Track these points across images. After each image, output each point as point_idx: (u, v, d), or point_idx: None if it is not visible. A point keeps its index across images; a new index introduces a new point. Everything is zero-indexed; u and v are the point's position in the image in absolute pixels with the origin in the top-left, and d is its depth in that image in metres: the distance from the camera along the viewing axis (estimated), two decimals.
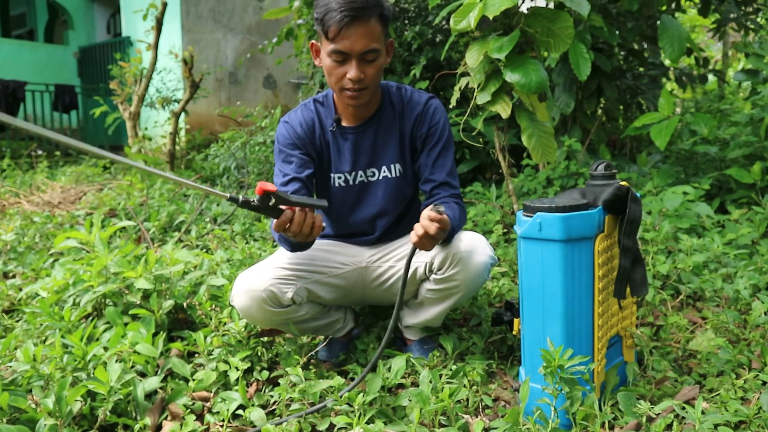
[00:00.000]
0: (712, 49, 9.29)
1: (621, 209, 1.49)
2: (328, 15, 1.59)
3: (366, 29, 1.61)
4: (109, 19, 11.24)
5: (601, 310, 1.48)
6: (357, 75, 1.64)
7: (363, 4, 1.59)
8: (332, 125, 1.82)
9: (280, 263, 1.73)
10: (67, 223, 3.67)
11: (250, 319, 1.75)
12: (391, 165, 1.85)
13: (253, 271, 1.73)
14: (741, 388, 1.57)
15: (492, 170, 4.44)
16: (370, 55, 1.64)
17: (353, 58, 1.63)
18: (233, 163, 5.20)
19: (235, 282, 1.73)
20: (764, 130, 3.39)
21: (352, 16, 1.57)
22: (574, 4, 2.04)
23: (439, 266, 1.72)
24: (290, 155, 1.79)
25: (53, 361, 1.59)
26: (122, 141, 9.33)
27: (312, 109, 1.84)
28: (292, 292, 1.70)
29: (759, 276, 2.27)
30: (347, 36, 1.60)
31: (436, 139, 1.84)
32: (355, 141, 1.83)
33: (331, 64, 1.66)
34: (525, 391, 1.41)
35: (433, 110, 1.85)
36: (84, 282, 2.07)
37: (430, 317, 1.86)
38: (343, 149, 1.83)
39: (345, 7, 1.57)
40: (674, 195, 2.96)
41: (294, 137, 1.80)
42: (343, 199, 1.88)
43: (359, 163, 1.84)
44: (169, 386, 1.67)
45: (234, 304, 1.72)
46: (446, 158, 1.85)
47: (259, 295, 1.66)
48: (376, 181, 1.86)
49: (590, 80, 3.88)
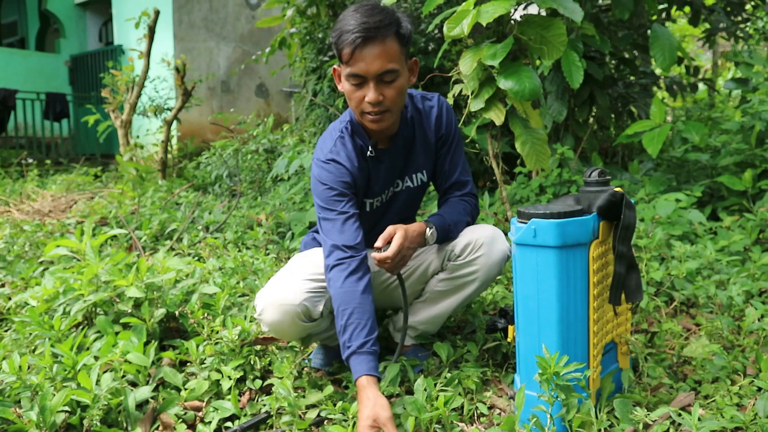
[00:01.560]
0: (701, 58, 9.38)
1: (615, 215, 1.49)
2: (342, 38, 1.55)
3: (381, 50, 1.54)
4: (101, 28, 11.22)
5: (596, 316, 1.48)
6: (375, 98, 1.57)
7: (376, 23, 1.53)
8: (371, 151, 1.74)
9: (306, 274, 1.67)
10: (58, 232, 3.63)
11: (279, 334, 1.69)
12: (413, 174, 1.84)
13: (281, 283, 1.66)
14: (736, 395, 1.57)
15: (485, 178, 4.44)
16: (387, 76, 1.57)
17: (370, 81, 1.57)
18: (225, 171, 5.19)
19: (259, 297, 1.67)
20: (755, 138, 3.42)
21: (364, 37, 1.52)
22: (567, 11, 2.05)
23: (460, 252, 1.74)
24: (344, 194, 1.69)
25: (42, 371, 1.56)
26: (114, 149, 9.30)
27: (348, 139, 1.74)
28: (322, 305, 1.66)
29: (752, 282, 2.27)
30: (361, 58, 1.54)
31: (451, 137, 1.85)
32: (389, 161, 1.78)
33: (350, 88, 1.61)
34: (520, 398, 1.40)
35: (447, 108, 1.86)
36: (74, 291, 2.04)
37: (432, 315, 1.85)
38: (380, 173, 1.78)
39: (357, 29, 1.52)
40: (666, 202, 2.97)
41: (346, 173, 1.69)
42: (369, 215, 1.85)
43: (391, 180, 1.82)
44: (161, 396, 1.65)
45: (262, 318, 1.65)
46: (458, 155, 1.88)
47: (293, 310, 1.61)
48: (400, 191, 1.86)
49: (582, 88, 3.90)
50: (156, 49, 8.05)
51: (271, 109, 10.27)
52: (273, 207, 3.93)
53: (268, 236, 3.36)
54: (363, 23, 1.52)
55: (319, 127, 5.17)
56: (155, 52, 7.89)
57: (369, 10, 1.56)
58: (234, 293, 2.27)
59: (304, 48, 5.23)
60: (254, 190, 4.96)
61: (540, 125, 2.33)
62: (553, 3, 2.05)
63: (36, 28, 11.25)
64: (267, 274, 2.45)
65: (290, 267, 1.76)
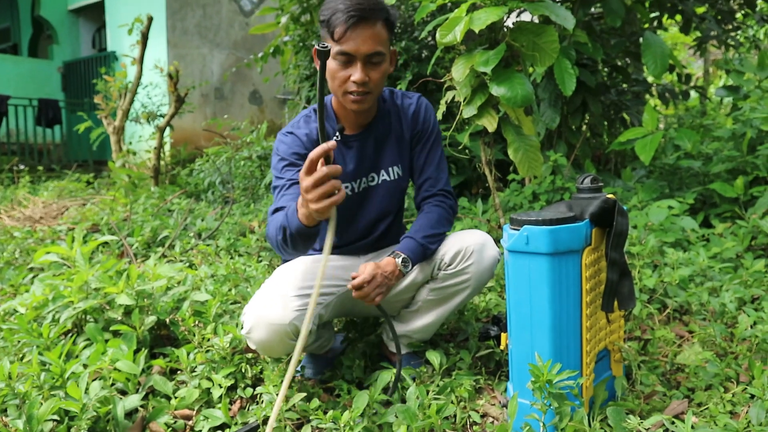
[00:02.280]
0: (693, 66, 9.44)
1: (608, 222, 1.49)
2: (335, 16, 1.58)
3: (372, 32, 1.60)
4: (94, 34, 11.20)
5: (589, 323, 1.47)
6: (362, 77, 1.62)
7: (370, 5, 1.59)
8: (336, 135, 1.80)
9: (295, 289, 1.62)
10: (49, 239, 3.61)
11: (266, 352, 1.66)
12: (389, 168, 1.86)
13: (269, 300, 1.61)
14: (729, 402, 1.57)
15: (478, 185, 4.44)
16: (375, 58, 1.63)
17: (358, 60, 1.61)
18: (218, 178, 5.17)
19: (247, 313, 1.62)
20: (746, 145, 3.43)
21: (359, 16, 1.57)
22: (560, 19, 2.06)
23: (450, 260, 1.74)
24: (294, 164, 1.72)
25: (30, 379, 1.54)
26: (106, 156, 9.26)
27: (314, 119, 1.80)
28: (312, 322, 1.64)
29: (744, 289, 2.28)
30: (353, 37, 1.59)
31: (428, 134, 1.88)
32: (358, 148, 1.81)
33: (336, 66, 1.63)
34: (513, 406, 1.39)
35: (426, 107, 1.89)
36: (64, 298, 2.02)
37: (425, 324, 1.84)
38: (348, 158, 1.81)
39: (352, 8, 1.56)
40: (659, 209, 2.97)
41: (299, 147, 1.75)
42: (345, 207, 1.83)
43: (363, 170, 1.84)
44: (151, 404, 1.64)
45: (250, 337, 1.62)
46: (434, 152, 1.90)
47: (283, 330, 1.57)
48: (376, 185, 1.87)
49: (575, 95, 3.91)
50: (149, 55, 8.05)
51: (264, 116, 10.26)
52: (266, 214, 3.91)
53: (260, 243, 3.34)
54: (358, 3, 1.57)
55: None
56: (149, 58, 7.88)
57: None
58: (226, 300, 2.26)
59: (297, 55, 5.23)
60: (247, 197, 4.95)
61: (533, 132, 2.33)
62: (545, 10, 2.05)
63: (29, 34, 11.21)
64: (259, 281, 2.43)
65: (277, 279, 1.71)
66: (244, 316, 1.63)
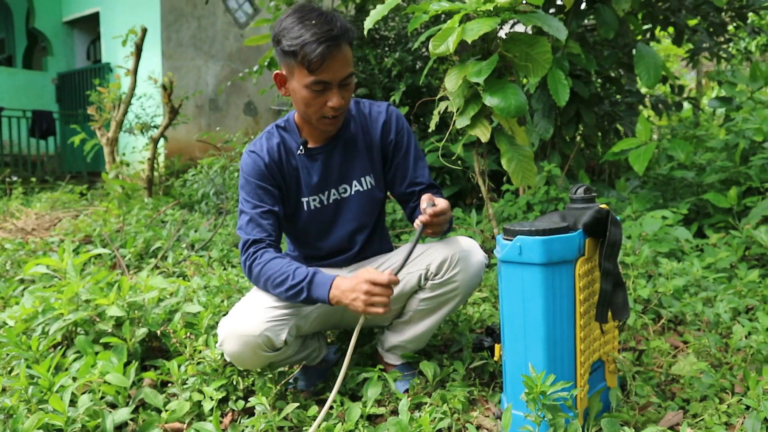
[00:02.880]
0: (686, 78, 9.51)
1: (601, 232, 1.48)
2: (307, 47, 1.54)
3: (344, 55, 1.59)
4: (89, 46, 11.21)
5: (582, 334, 1.46)
6: (340, 102, 1.62)
7: (339, 30, 1.56)
8: (299, 149, 1.78)
9: (269, 301, 1.64)
10: (41, 250, 3.58)
11: (240, 364, 1.66)
12: (361, 178, 1.85)
13: (241, 313, 1.62)
14: (725, 413, 1.55)
15: (472, 196, 4.44)
16: (347, 79, 1.63)
17: (334, 87, 1.61)
18: (212, 188, 5.15)
19: (221, 326, 1.64)
20: (739, 156, 3.45)
21: (333, 45, 1.54)
22: (552, 29, 2.06)
23: (437, 270, 1.72)
24: (261, 186, 1.73)
25: (17, 392, 1.52)
26: (100, 167, 9.23)
27: (276, 135, 1.80)
28: (285, 333, 1.62)
29: (739, 299, 2.27)
30: (329, 66, 1.56)
31: (405, 142, 1.86)
32: (324, 160, 1.80)
33: (310, 94, 1.61)
34: (507, 418, 1.37)
35: (396, 116, 1.87)
36: (54, 310, 2.00)
37: (418, 333, 1.82)
38: (313, 171, 1.80)
39: (324, 37, 1.53)
40: (653, 219, 2.97)
41: (263, 166, 1.74)
42: (319, 220, 1.85)
43: (330, 182, 1.83)
44: (141, 417, 1.61)
45: (223, 349, 1.63)
46: (422, 159, 1.89)
47: (254, 341, 1.57)
48: (349, 196, 1.85)
49: (569, 106, 3.92)
50: (144, 67, 8.04)
51: (259, 128, 10.26)
52: None
53: None
54: (328, 31, 1.54)
55: None
56: (143, 70, 7.87)
57: (324, 17, 1.58)
58: (218, 312, 2.24)
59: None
60: None
61: (526, 142, 2.33)
62: (537, 21, 2.06)
63: (23, 46, 11.21)
64: None
65: (254, 293, 1.72)
66: (219, 328, 1.64)
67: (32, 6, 10.29)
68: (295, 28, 1.57)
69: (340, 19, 1.60)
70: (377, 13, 2.16)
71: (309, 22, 1.56)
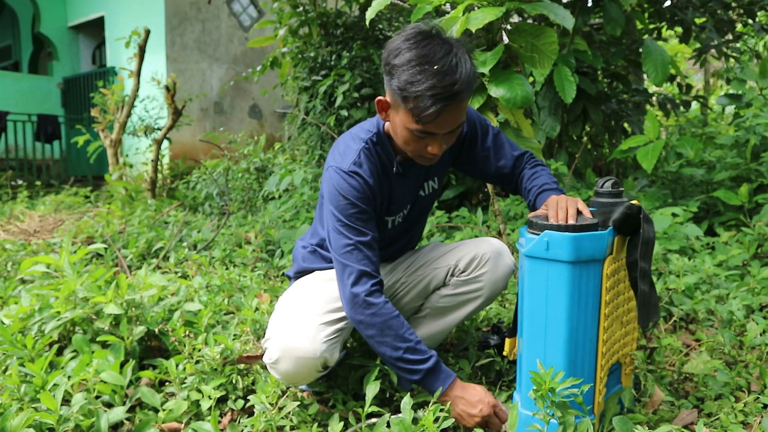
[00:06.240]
0: (693, 78, 9.44)
1: (630, 229, 1.40)
2: (421, 102, 1.35)
3: (459, 110, 1.41)
4: (94, 50, 11.23)
5: (605, 336, 1.39)
6: (441, 150, 1.47)
7: (461, 87, 1.36)
8: (396, 167, 1.62)
9: (322, 313, 1.55)
10: (42, 251, 3.55)
11: (291, 382, 1.56)
12: (425, 183, 1.74)
13: (295, 328, 1.52)
14: (741, 412, 1.50)
15: (478, 195, 4.39)
16: (456, 130, 1.47)
17: (439, 136, 1.45)
18: (215, 189, 5.12)
19: (272, 339, 1.53)
20: (750, 152, 3.38)
21: (450, 104, 1.36)
22: (558, 18, 2.01)
23: (465, 267, 1.69)
24: (365, 211, 1.53)
25: (7, 390, 1.48)
26: (105, 171, 9.22)
27: (374, 154, 1.59)
28: (338, 351, 1.55)
29: (752, 297, 2.21)
30: (440, 123, 1.40)
31: (480, 130, 1.71)
32: (413, 176, 1.69)
33: (412, 137, 1.45)
34: (513, 417, 1.32)
35: (470, 113, 1.73)
36: (51, 308, 1.96)
37: (432, 332, 1.78)
38: (402, 188, 1.67)
39: (443, 95, 1.34)
40: (663, 216, 2.92)
41: (368, 190, 1.54)
42: (389, 235, 1.76)
43: (410, 196, 1.72)
44: (137, 417, 1.57)
45: (277, 367, 1.51)
46: (501, 138, 1.73)
47: (312, 363, 1.49)
48: (415, 201, 1.76)
49: (575, 104, 3.88)
50: (148, 70, 8.04)
51: (264, 130, 10.24)
52: (263, 225, 3.86)
53: (256, 254, 3.29)
54: (449, 86, 1.34)
55: (311, 145, 5.12)
56: (147, 73, 7.87)
57: (448, 64, 1.35)
58: (219, 311, 2.20)
59: (296, 67, 5.21)
60: (244, 209, 4.90)
61: (532, 134, 2.28)
62: (543, 9, 2.01)
63: (29, 52, 11.24)
64: (253, 291, 2.37)
65: (302, 302, 1.61)
66: (268, 342, 1.54)
67: (38, 11, 10.32)
68: (412, 71, 1.35)
69: (466, 65, 1.38)
70: (379, 3, 2.12)
71: (431, 68, 1.34)
